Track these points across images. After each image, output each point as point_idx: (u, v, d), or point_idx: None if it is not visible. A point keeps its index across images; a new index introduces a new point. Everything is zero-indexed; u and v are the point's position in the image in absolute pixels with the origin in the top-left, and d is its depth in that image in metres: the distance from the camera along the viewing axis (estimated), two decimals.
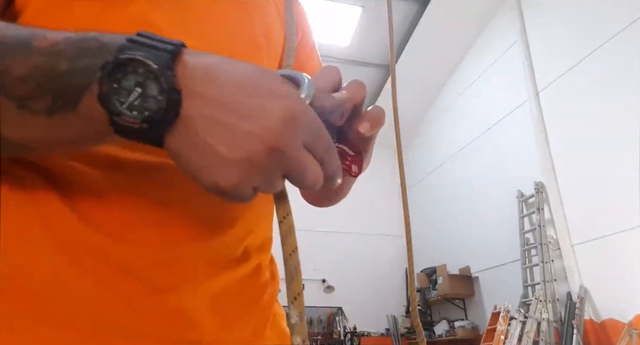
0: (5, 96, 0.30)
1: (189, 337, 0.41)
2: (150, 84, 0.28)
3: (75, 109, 0.29)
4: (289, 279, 0.31)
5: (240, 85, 0.29)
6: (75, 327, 0.36)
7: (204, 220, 0.43)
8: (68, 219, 0.38)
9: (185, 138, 0.28)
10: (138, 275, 0.39)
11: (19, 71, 0.29)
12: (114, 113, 0.28)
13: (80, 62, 0.29)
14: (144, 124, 0.28)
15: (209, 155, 0.28)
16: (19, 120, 0.30)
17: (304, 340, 0.29)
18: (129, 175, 0.40)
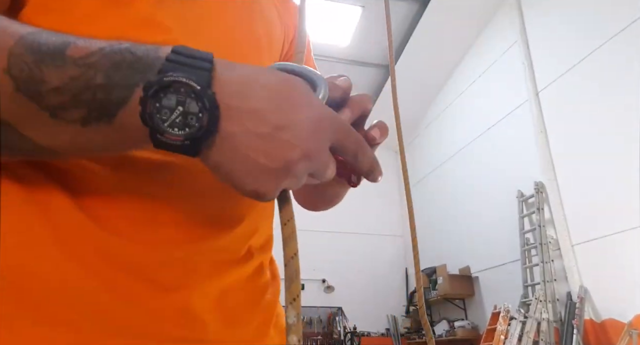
0: (38, 105, 0.30)
1: (193, 336, 0.41)
2: (191, 103, 0.29)
3: (111, 122, 0.30)
4: (288, 281, 0.32)
5: (271, 98, 0.31)
6: (78, 327, 0.36)
7: (210, 219, 0.43)
8: (72, 217, 0.38)
9: (226, 152, 0.30)
10: (144, 274, 0.39)
11: (55, 82, 0.30)
12: (158, 131, 0.29)
13: (116, 75, 0.30)
14: (186, 141, 0.29)
15: (251, 167, 0.30)
16: (51, 128, 0.31)
17: (299, 340, 0.31)
18: (135, 173, 0.40)
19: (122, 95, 0.30)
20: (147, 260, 0.39)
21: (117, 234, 0.38)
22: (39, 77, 0.30)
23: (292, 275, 0.32)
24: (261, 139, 0.30)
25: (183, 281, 0.41)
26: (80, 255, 0.37)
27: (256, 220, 0.49)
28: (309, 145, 0.31)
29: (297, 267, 0.33)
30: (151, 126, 0.29)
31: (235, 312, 0.46)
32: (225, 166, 0.31)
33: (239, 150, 0.30)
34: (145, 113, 0.29)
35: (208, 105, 0.29)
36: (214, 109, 0.30)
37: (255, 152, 0.30)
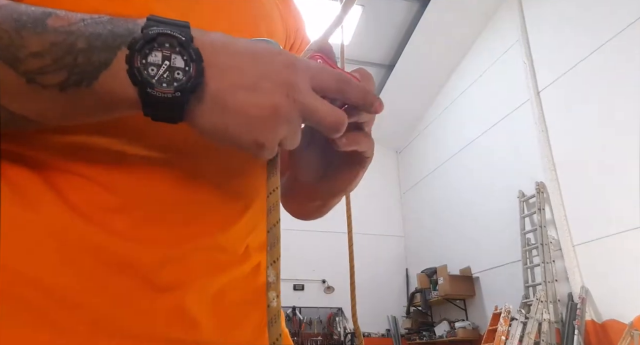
0: (15, 71, 0.30)
1: (188, 337, 0.41)
2: (176, 57, 0.30)
3: (90, 85, 0.31)
4: (270, 245, 0.35)
5: (245, 53, 0.33)
6: (69, 327, 0.36)
7: (208, 217, 0.43)
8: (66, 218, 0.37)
9: (217, 108, 0.31)
10: (139, 273, 0.38)
11: (35, 47, 0.30)
12: (148, 86, 0.30)
13: (97, 41, 0.30)
14: (177, 92, 0.30)
15: (243, 118, 0.32)
16: (27, 95, 0.31)
17: (277, 296, 0.34)
18: (130, 171, 0.39)
19: (104, 57, 0.30)
20: (142, 260, 0.39)
21: (115, 234, 0.38)
22: (19, 43, 0.30)
23: (274, 241, 0.36)
24: (246, 91, 0.32)
25: (179, 281, 0.40)
26: (73, 254, 0.37)
27: (254, 219, 0.49)
28: (289, 87, 0.33)
29: (278, 233, 0.36)
30: (140, 81, 0.30)
31: (231, 313, 0.45)
32: (220, 124, 0.32)
33: (229, 104, 0.31)
34: (133, 69, 0.30)
35: (194, 56, 0.30)
36: (200, 61, 0.31)
37: (244, 103, 0.31)
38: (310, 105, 0.34)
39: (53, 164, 0.38)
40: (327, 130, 0.36)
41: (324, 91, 0.35)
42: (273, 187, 0.37)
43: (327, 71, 0.36)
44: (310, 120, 0.35)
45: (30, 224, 0.37)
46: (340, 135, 0.37)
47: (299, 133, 0.35)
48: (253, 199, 0.48)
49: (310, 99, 0.34)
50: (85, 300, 0.36)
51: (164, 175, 0.41)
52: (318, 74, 0.35)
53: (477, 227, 5.75)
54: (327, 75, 0.36)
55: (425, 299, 6.56)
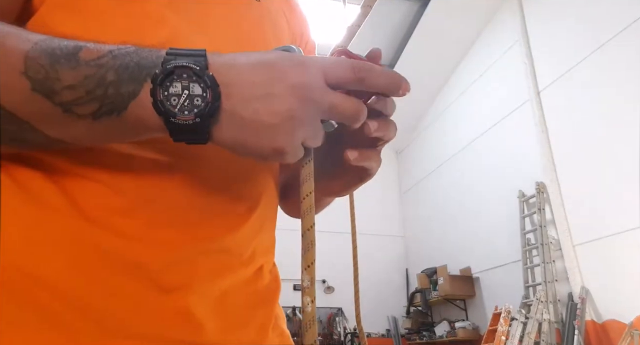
0: (52, 102, 0.33)
1: (192, 339, 0.41)
2: (194, 86, 0.32)
3: (120, 114, 0.33)
4: (304, 250, 0.36)
5: (255, 65, 0.34)
6: (75, 327, 0.36)
7: (215, 220, 0.44)
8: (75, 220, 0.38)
9: (234, 124, 0.33)
10: (146, 275, 0.39)
11: (69, 80, 0.33)
12: (170, 116, 0.32)
13: (125, 73, 0.33)
14: (197, 118, 0.32)
15: (259, 128, 0.33)
16: (63, 123, 0.34)
17: (312, 301, 0.35)
18: (139, 175, 0.40)
19: (132, 89, 0.33)
20: (149, 261, 0.39)
21: (120, 236, 0.39)
22: (54, 77, 0.33)
23: (309, 245, 0.36)
24: (259, 101, 0.33)
25: (184, 283, 0.41)
26: (82, 256, 0.38)
27: (259, 222, 0.49)
28: (302, 88, 0.33)
29: (312, 238, 0.37)
30: (164, 112, 0.32)
31: (234, 315, 0.46)
32: (239, 137, 0.33)
33: (245, 117, 0.33)
34: (157, 102, 0.32)
35: (209, 82, 0.32)
36: (215, 86, 0.33)
37: (258, 113, 0.33)
38: (325, 102, 0.34)
39: (63, 167, 0.39)
40: (349, 121, 0.36)
41: (341, 84, 0.35)
42: (307, 191, 0.38)
43: (341, 63, 0.36)
44: (329, 116, 0.35)
45: (40, 226, 0.37)
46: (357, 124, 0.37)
47: (319, 131, 0.36)
48: (258, 203, 0.49)
49: (325, 95, 0.34)
50: (93, 301, 0.37)
51: (171, 179, 0.41)
52: (331, 68, 0.35)
53: (477, 227, 5.75)
54: (341, 67, 0.35)
55: (425, 299, 6.56)
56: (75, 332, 0.36)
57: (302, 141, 0.34)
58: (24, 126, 0.34)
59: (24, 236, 0.37)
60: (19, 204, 0.38)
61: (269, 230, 0.53)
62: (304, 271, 0.35)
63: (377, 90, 0.38)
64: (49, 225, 0.37)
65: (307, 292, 0.35)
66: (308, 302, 0.35)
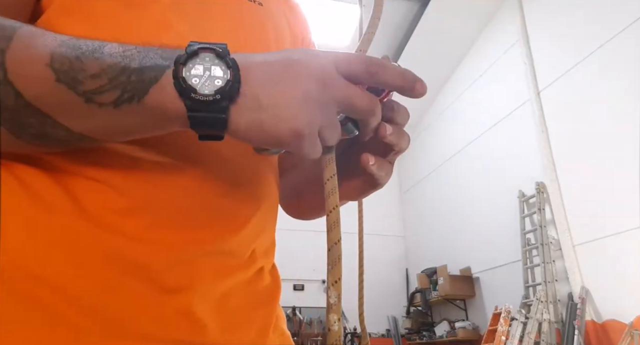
0: (75, 92, 0.33)
1: (194, 339, 0.42)
2: (215, 68, 0.33)
3: (141, 100, 0.33)
4: (331, 265, 0.35)
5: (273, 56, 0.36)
6: (78, 327, 0.37)
7: (217, 222, 0.44)
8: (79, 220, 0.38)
9: (251, 108, 0.33)
10: (148, 275, 0.39)
11: (93, 70, 0.33)
12: (191, 91, 0.32)
13: (148, 62, 0.34)
14: (217, 95, 0.32)
15: (275, 111, 0.33)
16: (85, 113, 0.34)
17: (339, 319, 0.34)
18: (143, 176, 0.41)
19: (154, 75, 0.33)
20: (151, 262, 0.40)
21: (124, 236, 0.39)
22: (78, 67, 0.33)
23: (335, 260, 0.35)
24: (276, 85, 0.33)
25: (186, 283, 0.41)
26: (85, 256, 0.38)
27: (260, 224, 0.50)
28: (318, 74, 0.34)
29: (339, 252, 0.36)
30: (184, 88, 0.32)
31: (235, 316, 0.46)
32: (256, 121, 0.33)
33: (262, 100, 0.33)
34: (178, 79, 0.32)
35: (231, 64, 0.33)
36: (236, 68, 0.33)
37: (275, 96, 0.33)
38: (341, 91, 0.35)
39: (67, 168, 0.40)
40: (363, 115, 0.36)
41: (353, 77, 0.36)
42: (333, 205, 0.37)
43: (353, 56, 0.36)
44: (344, 104, 0.35)
45: (45, 226, 0.38)
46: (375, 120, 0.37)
47: (336, 123, 0.36)
48: (260, 205, 0.49)
49: (340, 84, 0.35)
50: (96, 301, 0.38)
51: (175, 181, 0.42)
52: (343, 61, 0.36)
53: (477, 227, 5.75)
54: (353, 61, 0.36)
55: (425, 299, 6.57)
56: (78, 332, 0.36)
57: (319, 129, 0.34)
58: (46, 120, 0.34)
59: (27, 236, 0.37)
60: (23, 203, 0.38)
61: (270, 232, 0.54)
62: (331, 287, 0.34)
63: (389, 86, 0.38)
64: (52, 225, 0.38)
65: (334, 309, 0.34)
66: (335, 320, 0.33)
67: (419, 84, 0.38)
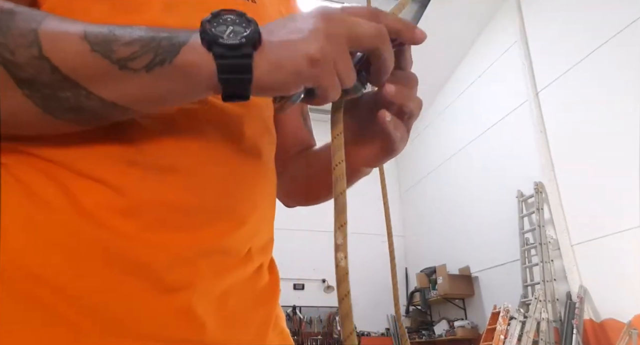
0: (109, 60, 0.35)
1: (195, 338, 0.42)
2: (236, 27, 0.36)
3: (172, 61, 0.35)
4: (337, 212, 0.39)
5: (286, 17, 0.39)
6: (78, 327, 0.37)
7: (216, 221, 0.44)
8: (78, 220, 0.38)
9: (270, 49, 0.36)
10: (149, 274, 0.40)
11: (125, 39, 0.35)
12: (218, 39, 0.35)
13: (176, 32, 0.36)
14: (242, 39, 0.35)
15: (290, 45, 0.35)
16: (119, 79, 0.36)
17: (345, 257, 0.38)
18: (142, 176, 0.41)
19: (183, 38, 0.36)
20: (152, 261, 0.40)
21: (123, 236, 0.39)
22: (112, 38, 0.35)
23: (341, 208, 0.40)
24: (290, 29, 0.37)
25: (186, 282, 0.41)
26: (85, 256, 0.38)
27: (258, 221, 0.50)
28: (326, 16, 0.37)
29: (344, 202, 0.40)
30: (212, 37, 0.35)
31: (235, 314, 0.46)
32: (275, 60, 0.35)
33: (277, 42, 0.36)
34: (205, 32, 0.35)
35: (250, 20, 0.36)
36: (256, 24, 0.36)
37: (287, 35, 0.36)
38: (348, 20, 0.37)
39: (67, 168, 0.40)
40: (371, 43, 0.38)
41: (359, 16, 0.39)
42: (338, 160, 0.41)
43: (358, 6, 0.40)
44: (351, 35, 0.37)
45: (44, 226, 0.38)
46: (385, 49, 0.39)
47: (348, 59, 0.37)
48: (258, 203, 0.49)
49: (346, 17, 0.37)
50: (97, 301, 0.37)
51: (174, 181, 0.42)
52: (349, 9, 0.39)
53: (476, 227, 5.75)
54: (357, 7, 0.39)
55: (424, 298, 6.57)
56: (79, 332, 0.37)
57: (333, 62, 0.36)
58: (80, 92, 0.36)
59: (26, 236, 0.37)
60: (22, 203, 0.38)
61: (268, 229, 0.54)
62: (338, 230, 0.38)
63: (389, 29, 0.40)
64: (51, 225, 0.38)
65: (341, 248, 0.38)
66: (341, 257, 0.38)
67: (418, 30, 0.40)
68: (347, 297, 0.37)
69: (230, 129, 0.47)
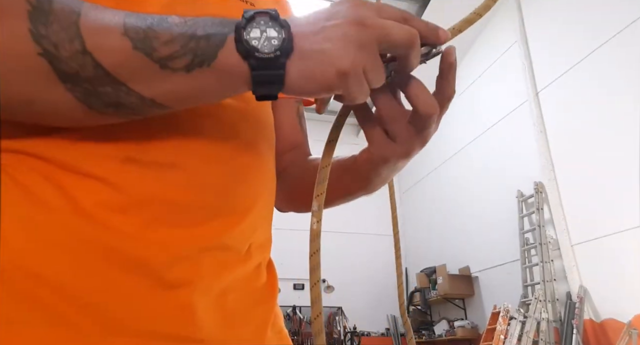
0: (151, 59, 0.35)
1: (195, 335, 0.42)
2: (270, 30, 0.36)
3: (210, 64, 0.36)
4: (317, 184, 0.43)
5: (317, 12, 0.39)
6: (78, 325, 0.37)
7: (215, 218, 0.44)
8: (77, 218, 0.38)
9: (302, 59, 0.36)
10: (150, 272, 0.40)
11: (164, 37, 0.36)
12: (254, 51, 0.35)
13: (212, 29, 0.36)
14: (277, 52, 0.35)
15: (321, 55, 0.36)
16: (159, 78, 0.36)
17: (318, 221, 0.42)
18: (140, 174, 0.41)
19: (219, 40, 0.36)
20: (151, 259, 0.40)
21: (122, 234, 0.39)
22: (152, 35, 0.35)
23: (322, 179, 0.43)
24: (320, 34, 0.36)
25: (186, 280, 0.42)
26: (84, 254, 0.38)
27: (257, 217, 0.50)
28: (357, 18, 0.37)
29: (326, 174, 0.43)
30: (247, 50, 0.35)
31: (234, 312, 0.47)
32: (306, 70, 0.36)
33: (309, 50, 0.36)
34: (242, 42, 0.35)
35: (284, 24, 0.36)
36: (288, 27, 0.36)
37: (319, 44, 0.36)
38: (380, 25, 0.37)
39: (65, 166, 0.40)
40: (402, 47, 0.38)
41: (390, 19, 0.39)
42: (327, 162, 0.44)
43: (390, 6, 0.40)
44: (383, 39, 0.37)
45: (42, 225, 0.38)
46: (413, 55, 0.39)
47: (379, 63, 0.38)
48: (257, 200, 0.50)
49: (379, 21, 0.37)
50: (97, 299, 0.38)
51: (173, 179, 0.42)
52: (383, 7, 0.39)
53: (476, 227, 5.75)
54: (391, 8, 0.39)
55: (424, 298, 6.57)
56: (79, 330, 0.37)
57: (363, 69, 0.36)
58: (120, 88, 0.36)
59: (26, 235, 0.37)
60: (20, 203, 0.38)
61: (266, 227, 0.54)
62: (314, 199, 0.42)
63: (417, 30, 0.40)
64: (49, 224, 0.38)
65: (315, 214, 0.41)
66: (314, 221, 0.41)
67: (441, 30, 0.41)
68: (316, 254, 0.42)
69: (229, 126, 0.48)
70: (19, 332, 0.35)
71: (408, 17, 0.40)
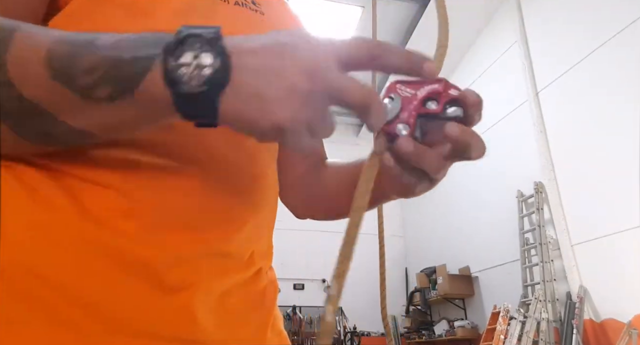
0: (70, 89, 0.33)
1: (194, 337, 0.42)
2: (204, 56, 0.31)
3: (133, 93, 0.32)
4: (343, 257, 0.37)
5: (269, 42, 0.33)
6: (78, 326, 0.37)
7: (217, 224, 0.45)
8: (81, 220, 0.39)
9: (239, 97, 0.31)
10: (151, 275, 0.40)
11: (86, 65, 0.33)
12: (179, 82, 0.31)
13: (139, 51, 0.32)
14: (205, 86, 0.30)
15: (260, 102, 0.31)
16: (82, 110, 0.34)
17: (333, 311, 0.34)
18: (144, 179, 0.41)
19: (144, 65, 0.32)
20: (153, 261, 0.40)
21: (125, 236, 0.39)
22: (74, 63, 0.33)
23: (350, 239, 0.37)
24: (266, 75, 0.31)
25: (187, 283, 0.42)
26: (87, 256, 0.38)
27: (259, 227, 0.51)
28: (311, 67, 0.32)
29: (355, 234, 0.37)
30: (172, 81, 0.31)
31: (234, 315, 0.47)
32: (242, 111, 0.31)
33: (250, 90, 0.31)
34: (166, 71, 0.31)
35: (220, 51, 0.31)
36: (225, 56, 0.31)
37: (263, 87, 0.31)
38: (334, 83, 0.32)
39: (69, 170, 0.40)
40: (356, 109, 0.33)
41: (356, 64, 0.34)
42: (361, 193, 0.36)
43: (353, 41, 0.34)
44: (337, 99, 0.32)
45: (46, 226, 0.38)
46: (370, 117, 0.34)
47: (327, 118, 0.33)
48: (259, 208, 0.50)
49: (335, 76, 0.32)
50: (98, 300, 0.38)
51: (176, 183, 0.42)
52: (345, 48, 0.33)
53: (476, 227, 5.75)
54: (353, 46, 0.33)
55: (424, 298, 6.57)
56: (81, 331, 0.37)
57: (307, 123, 0.32)
58: (47, 117, 0.34)
59: (28, 235, 0.37)
60: (24, 203, 0.38)
61: (268, 235, 0.54)
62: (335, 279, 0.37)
63: (395, 70, 0.35)
64: (53, 225, 0.38)
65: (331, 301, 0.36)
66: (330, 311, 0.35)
67: (427, 64, 0.36)
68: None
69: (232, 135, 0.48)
70: (19, 332, 0.35)
71: (382, 51, 0.34)
